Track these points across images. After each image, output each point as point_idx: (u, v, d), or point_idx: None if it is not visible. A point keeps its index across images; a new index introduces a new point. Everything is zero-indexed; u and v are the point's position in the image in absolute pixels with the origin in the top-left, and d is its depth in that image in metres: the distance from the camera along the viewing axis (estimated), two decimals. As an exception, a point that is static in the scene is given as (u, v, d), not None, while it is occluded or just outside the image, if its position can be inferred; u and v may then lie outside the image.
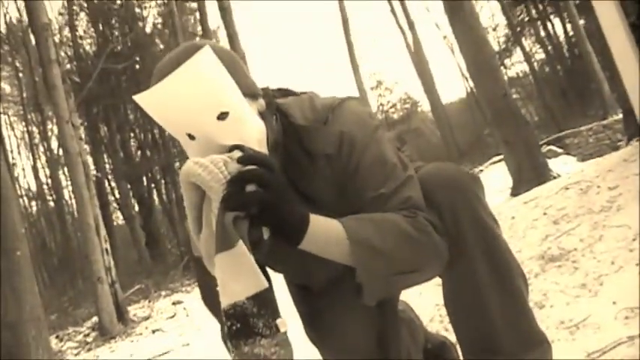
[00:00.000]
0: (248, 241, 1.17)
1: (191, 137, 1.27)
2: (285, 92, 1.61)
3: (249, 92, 1.36)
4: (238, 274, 1.16)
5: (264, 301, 1.16)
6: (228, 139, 1.25)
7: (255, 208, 1.17)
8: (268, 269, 1.55)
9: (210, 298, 1.30)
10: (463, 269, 1.41)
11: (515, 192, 7.94)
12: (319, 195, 1.42)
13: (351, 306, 1.66)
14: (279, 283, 1.40)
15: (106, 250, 8.76)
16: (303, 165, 1.43)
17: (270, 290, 1.17)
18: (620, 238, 2.78)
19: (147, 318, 9.30)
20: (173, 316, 8.72)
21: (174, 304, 9.99)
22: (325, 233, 1.27)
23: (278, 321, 1.16)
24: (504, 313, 1.40)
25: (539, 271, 2.92)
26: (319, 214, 1.28)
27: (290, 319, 1.42)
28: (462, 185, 1.41)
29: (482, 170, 16.41)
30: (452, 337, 1.86)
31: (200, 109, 1.24)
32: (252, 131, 1.30)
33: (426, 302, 3.21)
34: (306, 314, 1.77)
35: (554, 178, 7.40)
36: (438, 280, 1.51)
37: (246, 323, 1.14)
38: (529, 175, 8.10)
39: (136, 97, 1.26)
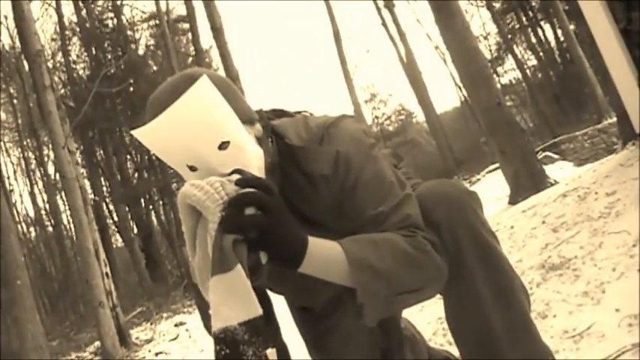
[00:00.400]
0: (246, 265, 1.15)
1: (192, 169, 1.27)
2: (280, 113, 1.62)
3: (247, 119, 1.36)
4: (233, 299, 1.14)
5: (257, 328, 1.14)
6: (230, 168, 1.24)
7: (254, 232, 1.16)
8: (269, 292, 1.56)
9: (211, 324, 1.26)
10: (463, 287, 1.40)
11: (513, 200, 7.95)
12: (318, 216, 1.42)
13: (354, 327, 1.67)
14: (280, 304, 1.40)
15: (107, 274, 8.73)
16: (300, 186, 1.43)
17: (262, 318, 1.15)
18: (620, 245, 2.78)
19: (149, 341, 9.26)
20: (176, 338, 8.67)
21: (176, 325, 9.94)
22: (324, 255, 1.26)
23: (268, 351, 1.13)
24: (507, 329, 1.39)
25: (541, 281, 2.91)
26: (318, 235, 1.27)
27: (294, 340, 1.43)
28: (459, 202, 1.41)
29: (479, 179, 16.41)
30: (455, 351, 1.86)
31: (201, 141, 1.23)
32: (252, 158, 1.29)
33: (429, 316, 3.21)
34: (310, 337, 1.76)
35: (552, 184, 7.42)
36: (439, 295, 1.50)
37: (235, 349, 1.12)
38: (526, 182, 8.11)
39: (135, 132, 1.25)
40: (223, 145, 1.25)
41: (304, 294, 1.65)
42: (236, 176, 1.21)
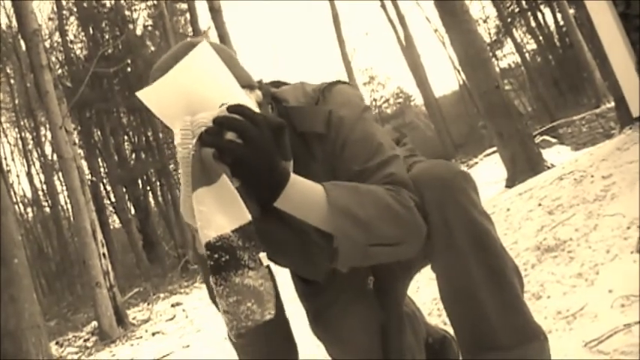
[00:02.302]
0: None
1: None
2: (279, 83, 1.67)
3: (247, 84, 1.41)
4: (223, 208, 1.18)
5: (249, 234, 1.18)
6: None
7: (230, 158, 1.19)
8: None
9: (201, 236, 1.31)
10: (455, 266, 1.41)
11: (510, 183, 7.96)
12: (313, 177, 1.44)
13: (354, 301, 1.69)
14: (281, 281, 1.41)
15: (104, 254, 8.74)
16: (296, 148, 1.45)
17: (252, 224, 1.19)
18: (614, 227, 2.79)
19: (146, 321, 9.29)
20: (172, 318, 8.71)
21: (173, 306, 9.98)
22: (305, 194, 1.29)
23: (260, 255, 1.18)
24: (498, 308, 1.40)
25: (536, 262, 2.92)
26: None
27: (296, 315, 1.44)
28: (451, 183, 1.41)
29: (477, 162, 16.43)
30: (451, 330, 1.87)
31: (201, 102, 1.25)
32: None
33: (424, 297, 3.22)
34: (311, 310, 1.79)
35: (549, 168, 7.43)
36: (434, 275, 1.51)
37: (233, 255, 1.17)
38: (523, 166, 8.13)
39: (139, 93, 1.27)
40: (223, 107, 1.27)
41: (306, 264, 1.66)
42: (226, 106, 1.24)
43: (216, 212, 1.18)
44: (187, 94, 1.25)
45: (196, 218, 1.20)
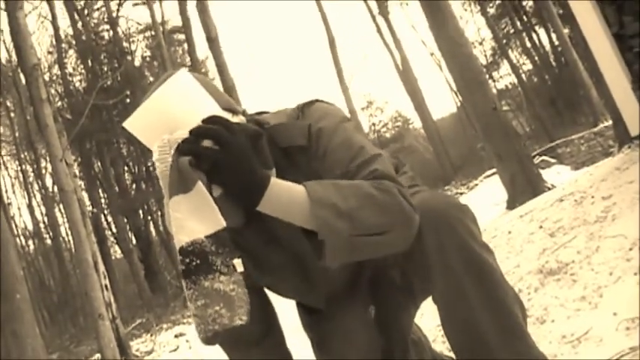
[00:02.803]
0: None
1: None
2: (262, 112, 1.69)
3: (228, 107, 1.45)
4: (198, 214, 1.20)
5: (223, 240, 1.20)
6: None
7: (207, 164, 1.22)
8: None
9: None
10: (455, 297, 1.41)
11: (511, 205, 7.96)
12: None
13: (358, 331, 1.69)
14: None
15: (106, 286, 8.70)
16: (281, 163, 1.48)
17: (227, 230, 1.21)
18: (616, 248, 2.79)
19: (150, 352, 9.24)
20: (176, 349, 8.66)
21: (176, 336, 9.92)
22: (286, 194, 1.30)
23: (235, 261, 1.20)
24: (500, 338, 1.40)
25: (539, 286, 2.92)
26: None
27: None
28: (448, 215, 1.41)
29: (476, 184, 16.42)
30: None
31: (184, 122, 1.29)
32: None
33: (428, 323, 3.21)
34: (315, 339, 1.79)
35: (549, 189, 7.44)
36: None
37: (205, 260, 1.19)
38: (523, 187, 8.13)
39: (125, 124, 1.33)
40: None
41: (304, 289, 1.66)
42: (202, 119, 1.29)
43: (191, 218, 1.21)
44: (167, 119, 1.29)
45: (172, 225, 1.22)
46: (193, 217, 1.20)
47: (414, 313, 1.80)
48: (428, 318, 3.30)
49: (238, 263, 1.20)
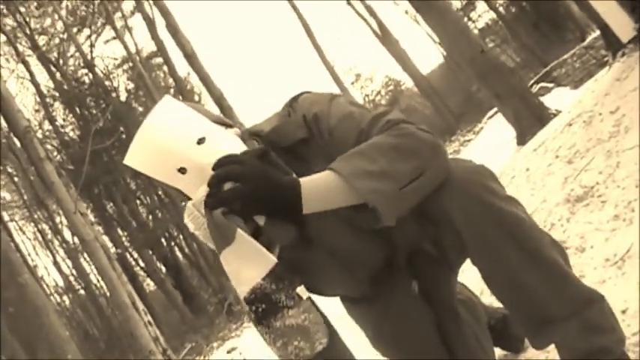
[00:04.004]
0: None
1: (182, 171, 1.36)
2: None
3: (219, 122, 1.48)
4: (248, 260, 1.22)
5: (279, 275, 1.22)
6: (213, 157, 1.32)
7: (237, 204, 1.24)
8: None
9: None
10: (493, 259, 1.42)
11: (521, 140, 7.90)
12: None
13: (407, 309, 1.70)
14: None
15: (149, 322, 8.76)
16: (290, 164, 1.48)
17: (279, 264, 1.22)
18: (636, 160, 2.75)
19: (207, 374, 9.30)
20: (233, 364, 8.72)
21: (229, 352, 9.98)
22: (321, 186, 1.31)
23: (298, 290, 1.22)
24: (546, 286, 1.40)
25: (570, 215, 2.88)
26: None
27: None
28: (468, 184, 1.41)
29: (482, 127, 16.34)
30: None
31: (179, 141, 1.33)
32: (232, 146, 1.39)
33: (472, 277, 3.18)
34: (368, 328, 1.81)
35: (555, 115, 7.36)
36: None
37: (270, 302, 1.20)
38: (529, 120, 8.06)
39: (125, 161, 1.36)
40: (200, 141, 1.35)
41: (347, 281, 1.68)
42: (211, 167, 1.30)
43: (243, 267, 1.22)
44: (163, 144, 1.33)
45: (230, 279, 1.24)
46: (245, 265, 1.22)
47: (455, 279, 1.80)
48: (469, 272, 3.28)
49: (302, 290, 1.22)
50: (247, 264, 1.22)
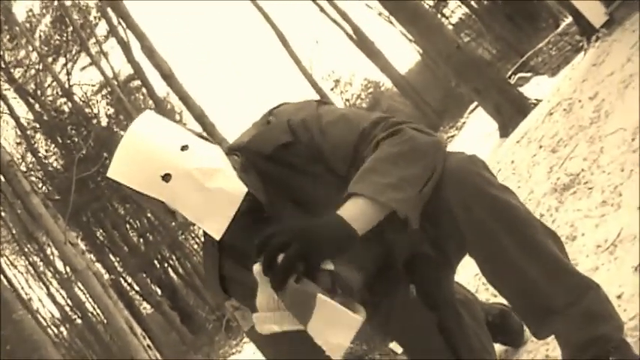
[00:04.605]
0: (321, 286, 1.22)
1: (166, 178, 1.35)
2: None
3: (200, 136, 1.49)
4: (332, 327, 1.19)
5: (365, 333, 1.27)
6: (197, 162, 1.35)
7: (299, 267, 1.21)
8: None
9: None
10: (489, 248, 1.42)
11: (504, 132, 7.93)
12: (307, 184, 1.49)
13: (407, 314, 1.69)
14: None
15: (148, 345, 8.71)
16: (275, 171, 1.50)
17: (363, 322, 1.22)
18: (619, 144, 2.77)
19: (213, 392, 9.25)
20: (236, 380, 8.67)
21: (232, 368, 9.94)
22: (354, 211, 1.31)
23: (391, 346, 1.22)
24: (543, 275, 1.40)
25: (558, 204, 2.90)
26: (321, 195, 1.43)
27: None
28: (462, 174, 1.43)
29: (464, 122, 16.41)
30: (503, 300, 1.85)
31: (163, 147, 1.34)
32: (215, 154, 1.42)
33: (467, 276, 3.19)
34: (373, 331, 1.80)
35: (535, 105, 7.40)
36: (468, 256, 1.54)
37: None
38: (510, 112, 8.08)
39: (109, 174, 1.37)
40: (184, 148, 1.36)
41: None
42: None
43: (330, 334, 1.19)
44: (146, 147, 1.34)
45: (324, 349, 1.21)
46: (331, 332, 1.19)
47: (453, 277, 1.80)
48: (464, 271, 3.28)
49: (395, 346, 1.20)
50: (333, 329, 1.20)
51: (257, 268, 1.23)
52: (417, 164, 1.36)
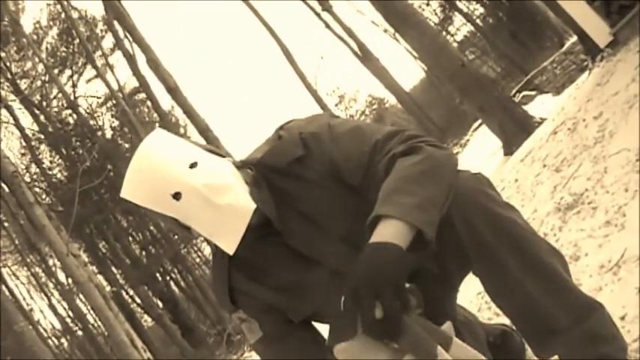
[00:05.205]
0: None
1: (177, 197, 1.35)
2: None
3: (210, 150, 1.49)
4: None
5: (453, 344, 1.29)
6: (206, 178, 1.35)
7: (396, 302, 1.24)
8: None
9: None
10: (493, 266, 1.42)
11: (508, 151, 7.93)
12: (320, 198, 1.49)
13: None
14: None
15: (149, 359, 8.69)
16: (289, 185, 1.49)
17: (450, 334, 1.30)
18: (624, 164, 2.76)
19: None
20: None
21: (232, 382, 9.89)
22: (393, 232, 1.30)
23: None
24: (546, 294, 1.39)
25: (561, 224, 2.89)
26: (333, 208, 1.44)
27: None
28: (467, 192, 1.43)
29: (468, 140, 16.41)
30: (505, 320, 1.85)
31: (172, 166, 1.33)
32: (224, 169, 1.41)
33: (469, 294, 3.18)
34: None
35: (539, 123, 7.41)
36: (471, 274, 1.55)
37: None
38: (514, 130, 8.09)
39: (122, 194, 1.36)
40: (193, 165, 1.36)
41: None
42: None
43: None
44: (158, 167, 1.34)
45: None
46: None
47: (456, 295, 1.79)
48: (466, 289, 3.27)
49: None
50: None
51: (344, 346, 1.28)
52: (439, 184, 1.36)
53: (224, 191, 1.37)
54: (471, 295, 3.12)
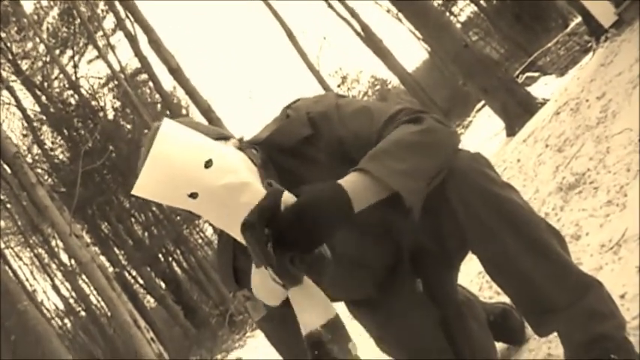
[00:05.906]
0: (318, 265, 1.28)
1: (193, 196, 1.33)
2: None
3: (219, 136, 1.46)
4: (310, 305, 1.29)
5: (336, 327, 1.27)
6: (223, 178, 1.32)
7: (289, 247, 1.23)
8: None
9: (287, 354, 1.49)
10: (492, 245, 1.43)
11: (511, 131, 7.91)
12: (327, 177, 1.47)
13: (412, 308, 1.71)
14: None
15: (152, 339, 8.72)
16: (297, 165, 1.50)
17: (338, 316, 1.29)
18: (626, 144, 2.76)
19: (215, 386, 9.27)
20: (239, 375, 8.69)
21: (235, 363, 9.96)
22: (358, 187, 1.30)
23: (350, 345, 1.26)
24: (545, 273, 1.41)
25: (563, 204, 2.89)
26: None
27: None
28: (465, 172, 1.43)
29: (471, 121, 16.37)
30: (506, 298, 1.85)
31: (187, 168, 1.30)
32: (238, 165, 1.38)
33: (470, 274, 3.19)
34: (373, 329, 1.83)
35: (542, 104, 7.38)
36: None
37: (323, 349, 1.26)
38: (517, 111, 8.05)
39: (134, 192, 1.32)
40: (208, 164, 1.32)
41: (355, 285, 1.69)
42: None
43: (307, 310, 1.29)
44: (172, 166, 1.30)
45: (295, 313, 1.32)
46: (308, 309, 1.29)
47: (456, 275, 1.80)
48: (467, 269, 3.27)
49: (353, 346, 1.27)
50: (310, 308, 1.29)
51: (254, 270, 1.34)
52: (433, 157, 1.37)
53: (241, 191, 1.33)
54: (472, 274, 3.13)
